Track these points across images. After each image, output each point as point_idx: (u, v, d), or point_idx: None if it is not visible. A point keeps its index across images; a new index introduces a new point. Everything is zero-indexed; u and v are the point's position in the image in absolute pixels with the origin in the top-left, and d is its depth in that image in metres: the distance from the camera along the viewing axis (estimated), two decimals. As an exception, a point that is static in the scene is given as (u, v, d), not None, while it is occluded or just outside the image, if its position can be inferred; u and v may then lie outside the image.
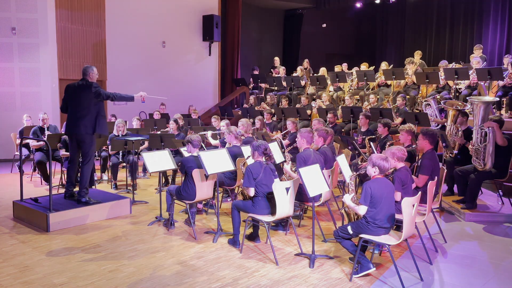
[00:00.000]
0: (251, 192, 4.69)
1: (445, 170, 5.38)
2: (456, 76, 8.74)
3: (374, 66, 11.90)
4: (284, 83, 12.28)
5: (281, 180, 5.04)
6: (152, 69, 12.89)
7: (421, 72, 9.63)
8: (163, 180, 7.79)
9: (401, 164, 4.53)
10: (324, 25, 17.16)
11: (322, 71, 12.01)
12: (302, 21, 17.09)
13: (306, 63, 13.25)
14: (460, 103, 7.37)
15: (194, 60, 13.96)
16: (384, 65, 11.09)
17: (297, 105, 11.20)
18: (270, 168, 4.85)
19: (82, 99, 5.63)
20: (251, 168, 4.71)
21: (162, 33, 13.06)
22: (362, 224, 4.07)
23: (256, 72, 13.97)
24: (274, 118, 10.24)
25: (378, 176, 4.11)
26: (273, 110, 10.51)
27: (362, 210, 4.03)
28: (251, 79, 13.69)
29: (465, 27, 14.64)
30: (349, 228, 4.15)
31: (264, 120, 9.71)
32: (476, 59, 9.47)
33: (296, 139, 5.55)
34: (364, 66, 11.77)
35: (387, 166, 4.11)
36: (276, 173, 4.96)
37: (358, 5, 15.52)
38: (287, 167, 5.62)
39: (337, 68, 12.06)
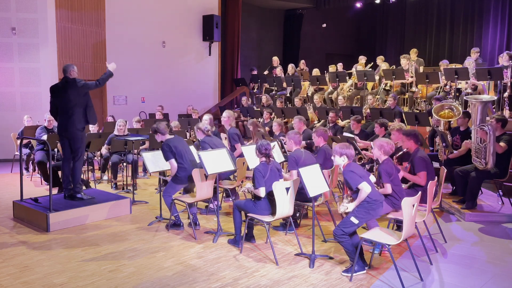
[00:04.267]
0: (262, 192, 4.62)
1: (445, 170, 5.38)
2: (456, 76, 8.73)
3: (372, 63, 11.77)
4: (285, 84, 12.25)
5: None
6: (152, 69, 12.88)
7: (421, 72, 9.62)
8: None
9: (385, 157, 4.56)
10: (324, 25, 17.18)
11: (315, 72, 11.94)
12: (302, 21, 17.10)
13: (302, 64, 13.20)
14: (449, 103, 7.34)
15: (194, 60, 13.95)
16: (380, 61, 11.05)
17: (290, 105, 11.17)
18: (276, 167, 4.84)
19: (71, 96, 5.68)
20: (259, 168, 4.70)
21: (162, 33, 13.06)
22: (366, 207, 4.10)
23: (254, 72, 13.95)
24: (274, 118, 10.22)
25: (348, 162, 4.26)
26: (271, 110, 10.49)
27: (365, 188, 4.08)
28: (251, 80, 13.65)
29: (465, 27, 14.64)
30: (352, 218, 4.10)
31: (264, 121, 9.70)
32: (469, 60, 9.42)
33: (284, 142, 5.52)
34: (360, 67, 11.69)
35: (352, 152, 4.28)
36: (282, 172, 4.96)
37: (358, 5, 15.52)
38: None
39: (331, 68, 11.94)
